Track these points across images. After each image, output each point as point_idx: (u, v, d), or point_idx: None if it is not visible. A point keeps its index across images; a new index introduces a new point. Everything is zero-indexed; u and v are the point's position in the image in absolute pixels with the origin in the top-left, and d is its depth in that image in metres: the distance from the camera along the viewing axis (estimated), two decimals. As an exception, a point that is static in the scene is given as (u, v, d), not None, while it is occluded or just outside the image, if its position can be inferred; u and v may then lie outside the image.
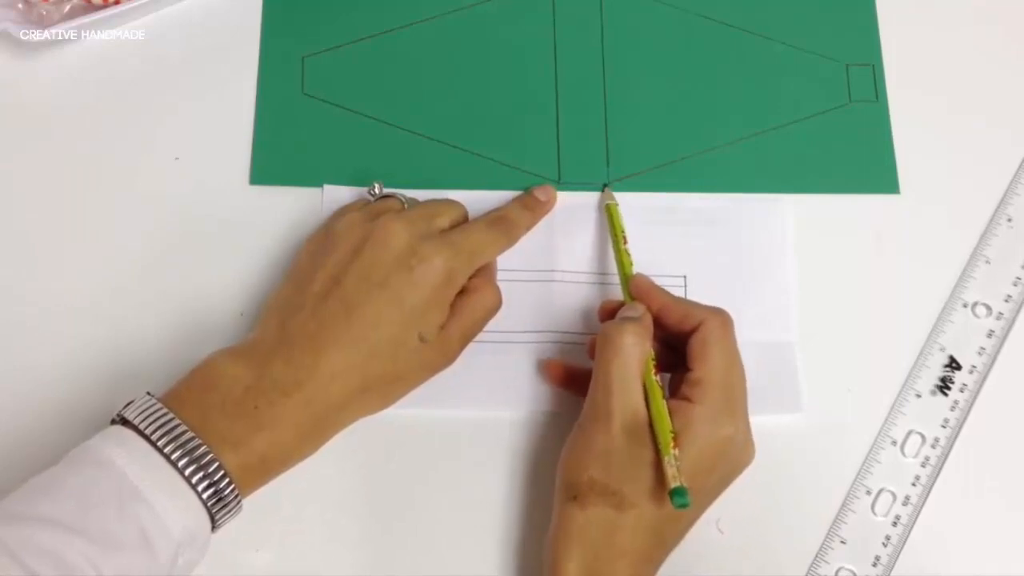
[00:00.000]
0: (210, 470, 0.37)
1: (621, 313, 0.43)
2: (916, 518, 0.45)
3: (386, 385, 0.42)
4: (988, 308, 0.49)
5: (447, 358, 0.44)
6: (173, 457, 0.36)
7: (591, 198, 0.49)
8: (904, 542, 0.45)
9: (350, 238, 0.43)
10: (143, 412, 0.38)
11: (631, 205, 0.49)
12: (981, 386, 0.47)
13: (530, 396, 0.46)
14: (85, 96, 0.50)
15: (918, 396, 0.47)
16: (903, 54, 0.53)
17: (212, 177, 0.49)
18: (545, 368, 0.46)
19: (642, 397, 0.41)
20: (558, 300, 0.47)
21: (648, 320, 0.43)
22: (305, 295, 0.42)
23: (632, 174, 0.50)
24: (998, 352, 0.48)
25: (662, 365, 0.42)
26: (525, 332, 0.47)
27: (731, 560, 0.44)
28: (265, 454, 0.39)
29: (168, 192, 0.49)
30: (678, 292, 0.48)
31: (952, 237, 0.50)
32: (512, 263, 0.47)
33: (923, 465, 0.46)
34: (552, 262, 0.48)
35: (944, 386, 0.47)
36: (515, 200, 0.48)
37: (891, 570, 0.44)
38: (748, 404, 0.41)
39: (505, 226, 0.46)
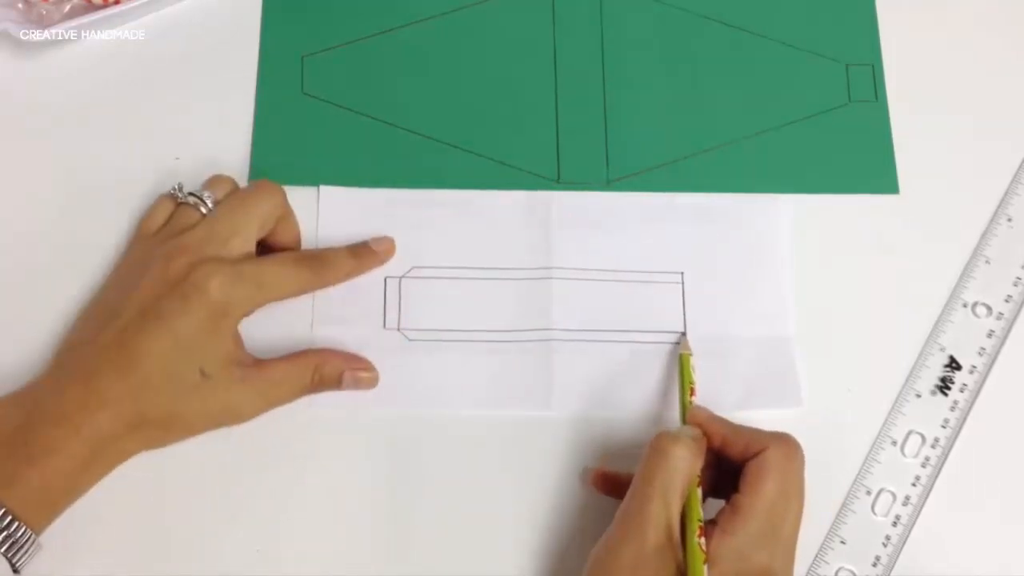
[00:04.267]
0: None
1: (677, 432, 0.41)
2: (916, 518, 0.45)
3: (164, 420, 0.41)
4: (988, 308, 0.49)
5: (237, 411, 0.42)
6: None
7: (590, 198, 0.49)
8: (904, 542, 0.45)
9: (137, 268, 0.43)
10: None
11: (630, 204, 0.49)
12: (981, 386, 0.47)
13: (530, 397, 0.46)
14: (85, 96, 0.50)
15: (918, 396, 0.47)
16: (903, 54, 0.53)
17: (212, 176, 0.49)
18: (587, 476, 0.44)
19: (679, 515, 0.39)
20: (557, 298, 0.47)
21: (704, 444, 0.41)
22: (86, 330, 0.42)
23: (631, 174, 0.50)
24: (998, 352, 0.48)
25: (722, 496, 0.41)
26: (524, 331, 0.47)
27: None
28: (45, 486, 0.38)
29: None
30: (675, 288, 0.48)
31: (952, 237, 0.50)
32: (511, 261, 0.48)
33: (923, 465, 0.46)
34: (550, 260, 0.48)
35: (944, 386, 0.47)
36: (345, 247, 0.46)
37: (891, 570, 0.44)
38: (793, 536, 0.39)
39: (317, 265, 0.45)
